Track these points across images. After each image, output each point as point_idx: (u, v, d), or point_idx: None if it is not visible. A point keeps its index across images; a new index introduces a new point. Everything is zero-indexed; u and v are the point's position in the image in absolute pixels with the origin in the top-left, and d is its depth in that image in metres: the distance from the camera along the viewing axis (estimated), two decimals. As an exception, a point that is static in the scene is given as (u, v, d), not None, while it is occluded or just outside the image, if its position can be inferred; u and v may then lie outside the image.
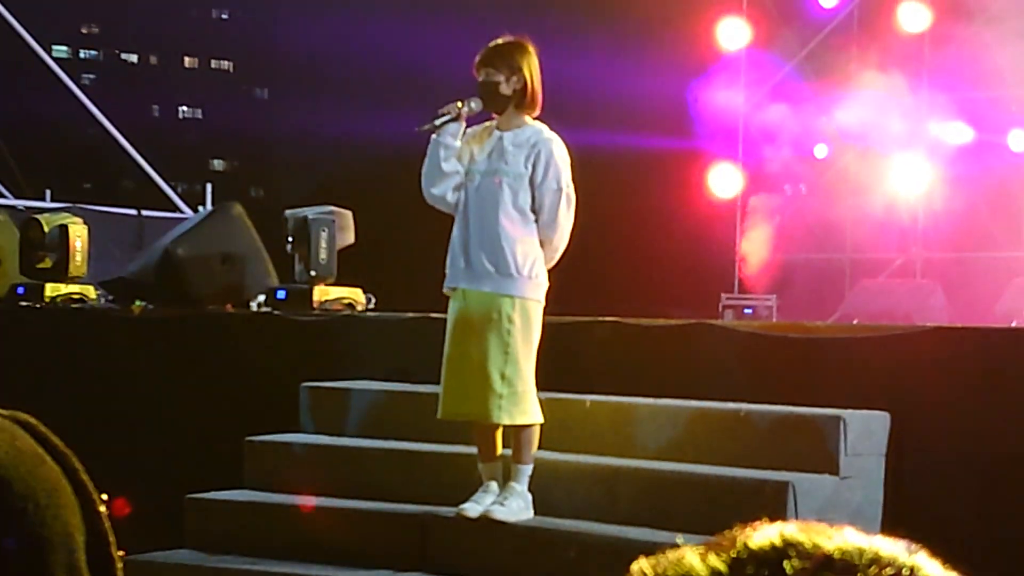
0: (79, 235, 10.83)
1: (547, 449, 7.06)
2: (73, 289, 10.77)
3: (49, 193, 16.39)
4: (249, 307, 10.20)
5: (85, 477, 1.20)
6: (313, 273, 9.66)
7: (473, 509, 6.83)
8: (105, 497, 1.21)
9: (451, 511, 6.92)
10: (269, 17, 56.76)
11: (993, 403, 7.04)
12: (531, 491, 6.88)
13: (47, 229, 10.80)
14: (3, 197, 15.18)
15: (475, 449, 6.97)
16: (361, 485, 7.54)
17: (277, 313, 9.51)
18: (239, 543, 7.42)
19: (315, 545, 7.26)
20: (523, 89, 6.80)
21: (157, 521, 7.92)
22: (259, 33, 58.13)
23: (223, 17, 67.77)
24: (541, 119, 6.90)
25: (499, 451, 6.89)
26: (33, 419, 1.21)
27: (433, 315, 7.92)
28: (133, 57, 67.60)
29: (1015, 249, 13.68)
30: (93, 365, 9.76)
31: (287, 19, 53.41)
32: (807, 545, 0.89)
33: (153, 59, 67.71)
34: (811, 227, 15.13)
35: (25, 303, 10.69)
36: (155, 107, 64.82)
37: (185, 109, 68.02)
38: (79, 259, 10.80)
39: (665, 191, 16.38)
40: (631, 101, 17.10)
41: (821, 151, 15.53)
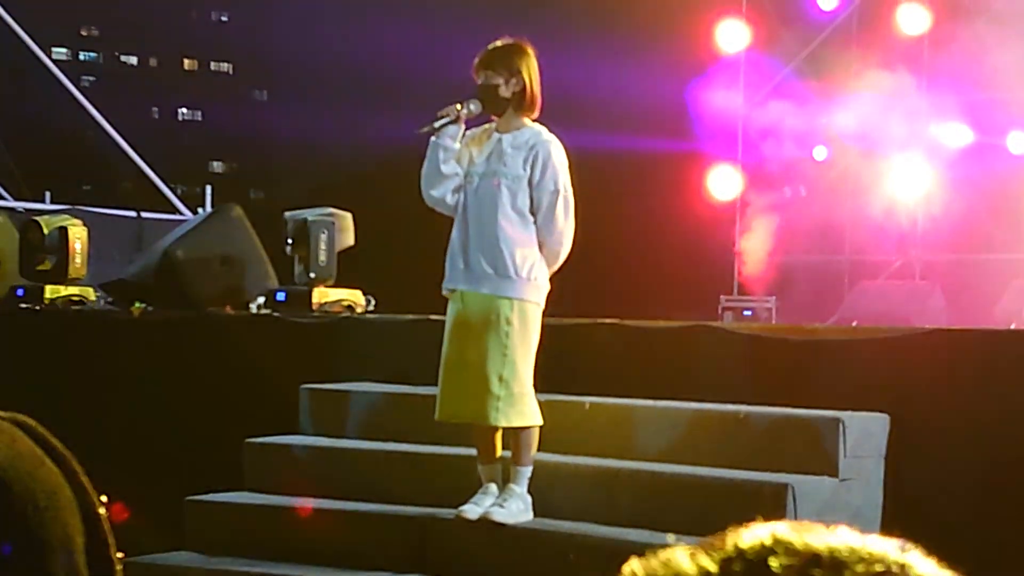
0: (79, 237, 10.83)
1: (547, 451, 7.06)
2: (73, 291, 10.77)
3: (49, 195, 16.39)
4: (249, 309, 10.19)
5: (84, 479, 1.20)
6: (313, 275, 9.66)
7: (472, 511, 6.83)
8: (104, 499, 1.21)
9: (451, 513, 6.92)
10: (269, 19, 56.71)
11: (992, 405, 7.03)
12: (531, 493, 6.88)
13: (47, 231, 10.80)
14: (2, 199, 15.17)
15: (475, 451, 6.97)
16: (361, 487, 7.54)
17: (277, 315, 9.51)
18: (239, 545, 7.41)
19: (315, 547, 7.26)
20: (522, 91, 6.80)
21: (157, 523, 7.92)
22: (259, 35, 58.10)
23: (222, 19, 67.73)
24: (541, 121, 6.90)
25: (498, 453, 6.89)
26: (32, 421, 1.22)
27: (433, 317, 7.91)
28: (133, 59, 67.56)
29: (1014, 251, 13.66)
30: (92, 367, 9.76)
31: (287, 21, 53.39)
32: (796, 544, 0.89)
33: (153, 61, 67.67)
34: (811, 229, 15.11)
35: (25, 305, 10.69)
36: (154, 109, 64.78)
37: (184, 111, 67.99)
38: (79, 261, 10.80)
39: (664, 193, 16.36)
40: (630, 103, 17.08)
41: (821, 153, 15.51)
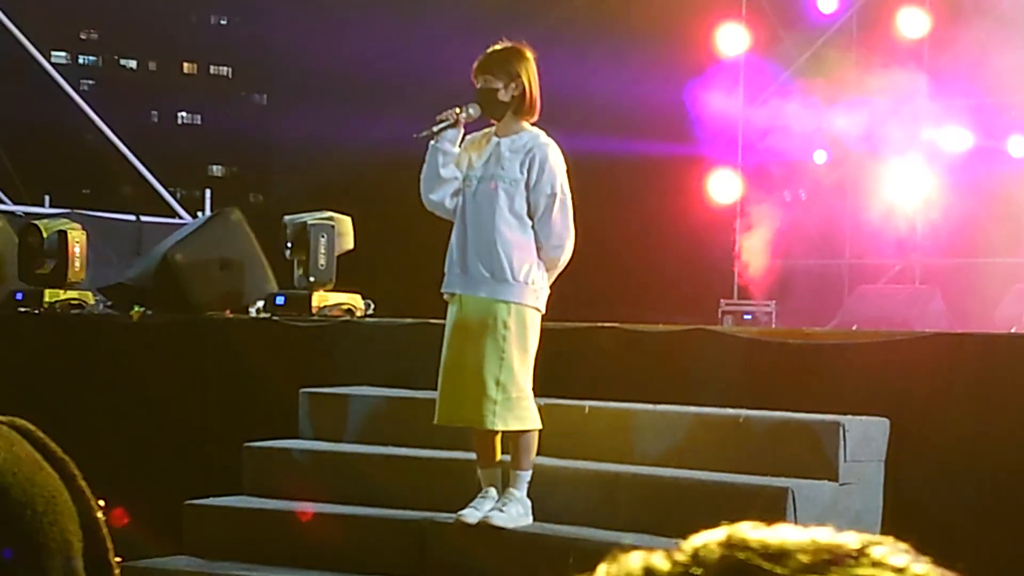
0: (78, 241, 10.83)
1: (546, 455, 7.06)
2: (72, 295, 10.77)
3: (48, 199, 16.39)
4: (248, 313, 10.19)
5: (83, 483, 1.19)
6: (312, 279, 9.66)
7: (472, 515, 6.82)
8: (103, 503, 1.20)
9: (450, 517, 6.92)
10: (268, 23, 56.76)
11: (992, 409, 7.03)
12: (530, 497, 6.88)
13: (46, 235, 10.80)
14: (2, 203, 15.17)
15: (474, 455, 6.96)
16: (360, 491, 7.53)
17: (276, 319, 9.50)
18: (238, 549, 7.41)
19: (314, 551, 7.25)
20: (521, 96, 6.79)
21: (155, 527, 7.91)
22: (258, 39, 58.14)
23: (222, 23, 67.79)
24: (540, 125, 6.89)
25: (498, 457, 6.88)
26: (31, 425, 1.21)
27: (432, 321, 7.91)
28: (132, 63, 67.60)
29: (1014, 255, 13.66)
30: (92, 371, 9.76)
31: (286, 25, 53.41)
32: (750, 540, 0.87)
33: (152, 65, 67.71)
34: (810, 233, 15.12)
35: (24, 309, 10.69)
36: (154, 113, 64.84)
37: (184, 115, 68.03)
38: (78, 265, 10.80)
39: (665, 197, 16.36)
40: (631, 107, 17.08)
41: (820, 157, 15.52)
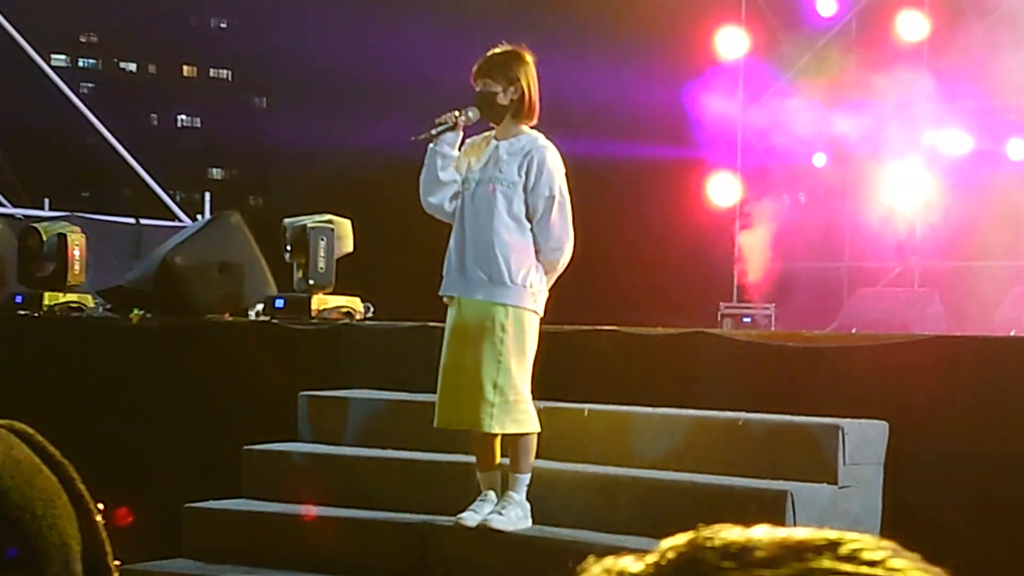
0: (77, 244, 10.84)
1: (545, 458, 7.06)
2: (71, 298, 10.77)
3: (47, 202, 16.39)
4: (247, 316, 10.19)
5: (82, 487, 1.19)
6: (311, 282, 9.66)
7: (471, 518, 6.82)
8: (102, 507, 1.20)
9: (449, 520, 6.91)
10: (268, 26, 56.76)
11: (992, 412, 7.03)
12: (529, 500, 6.87)
13: (45, 238, 10.81)
14: (1, 206, 15.17)
15: (473, 458, 6.96)
16: (360, 494, 7.53)
17: (275, 322, 9.50)
18: (237, 552, 7.40)
19: (313, 554, 7.25)
20: (520, 99, 6.79)
21: (155, 530, 7.91)
22: (258, 42, 58.14)
23: (222, 26, 67.81)
24: (540, 128, 6.89)
25: (497, 460, 6.88)
26: (30, 428, 1.21)
27: (431, 324, 7.91)
28: (132, 66, 67.62)
29: (1014, 258, 13.67)
30: (91, 374, 9.76)
31: (285, 28, 53.43)
32: (714, 540, 0.87)
33: (152, 68, 67.74)
34: (810, 236, 15.12)
35: (23, 312, 10.70)
36: (153, 116, 64.86)
37: (184, 118, 68.05)
38: (77, 268, 10.80)
39: (664, 200, 16.37)
40: (630, 110, 17.09)
41: (820, 160, 15.53)
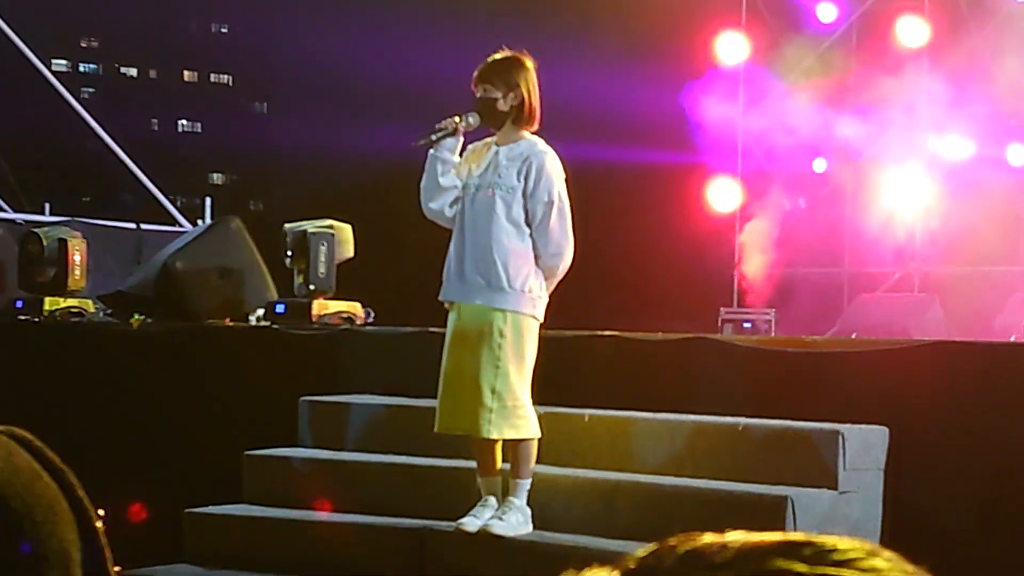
0: (78, 249, 10.83)
1: (546, 463, 7.06)
2: (72, 303, 10.76)
3: (48, 207, 16.37)
4: (248, 321, 10.19)
5: (82, 493, 1.19)
6: (312, 287, 9.66)
7: (472, 523, 6.82)
8: (102, 513, 1.20)
9: (450, 525, 6.91)
10: (268, 31, 56.77)
11: (992, 417, 7.03)
12: (530, 505, 6.87)
13: (46, 243, 10.80)
14: (2, 211, 15.16)
15: (474, 463, 6.96)
16: (360, 499, 7.53)
17: (276, 327, 9.50)
18: (238, 558, 7.40)
19: (314, 559, 7.25)
20: (520, 105, 6.79)
21: (156, 535, 7.91)
22: (258, 47, 58.16)
23: (222, 31, 67.83)
24: (540, 133, 6.89)
25: (498, 465, 6.88)
26: (30, 434, 1.21)
27: (432, 329, 7.91)
28: (132, 71, 67.64)
29: (1014, 263, 13.67)
30: (91, 379, 9.75)
31: (286, 33, 53.44)
32: (678, 546, 0.87)
33: (152, 73, 67.75)
34: (810, 241, 15.13)
35: (24, 317, 10.69)
36: (154, 121, 64.85)
37: (184, 123, 68.06)
38: (78, 273, 10.80)
39: (664, 205, 16.36)
40: (630, 115, 17.08)
41: (820, 165, 15.53)
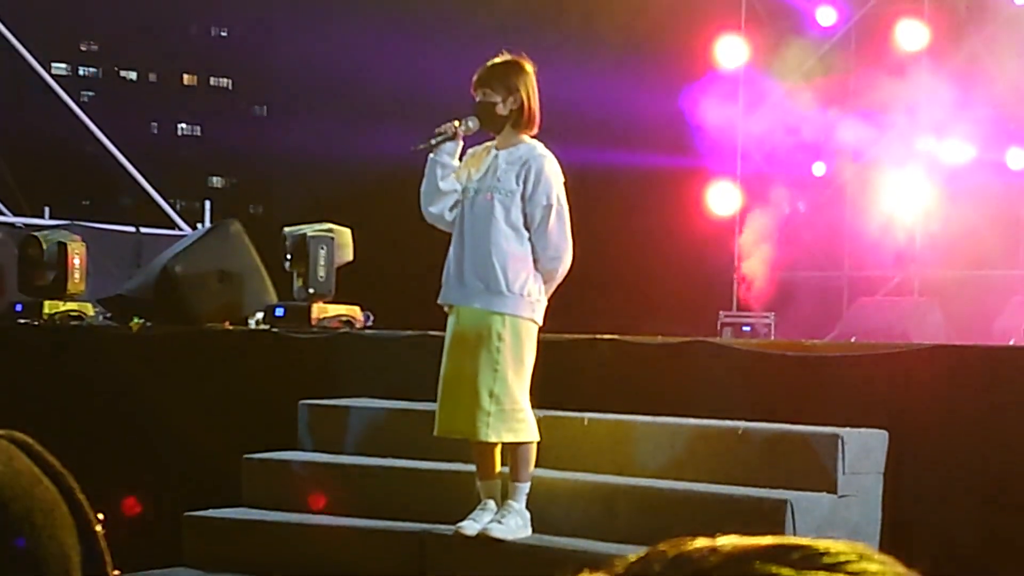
0: (77, 252, 10.83)
1: (545, 467, 7.05)
2: (71, 306, 10.76)
3: (47, 210, 16.37)
4: (247, 324, 10.19)
5: (81, 497, 1.19)
6: (311, 290, 9.66)
7: (471, 527, 6.82)
8: (101, 517, 1.20)
9: (449, 529, 6.91)
10: (268, 35, 56.78)
11: (992, 421, 7.03)
12: (529, 509, 6.87)
13: (45, 246, 10.80)
14: (1, 214, 15.17)
15: (473, 467, 6.96)
16: (359, 503, 7.53)
17: (275, 330, 9.50)
18: (237, 561, 7.40)
19: (314, 563, 7.25)
20: (520, 109, 6.79)
21: (155, 539, 7.91)
22: (258, 51, 58.13)
23: (222, 34, 67.81)
24: (540, 137, 6.89)
25: (498, 469, 6.88)
26: (29, 438, 1.21)
27: (431, 333, 7.91)
28: (132, 74, 67.61)
29: (1013, 267, 13.68)
30: (91, 383, 9.75)
31: (286, 37, 53.44)
32: (668, 551, 0.87)
33: (152, 76, 67.73)
34: (809, 245, 15.14)
35: (23, 320, 10.69)
36: (154, 124, 64.83)
37: (184, 126, 68.03)
38: (77, 276, 10.80)
39: (664, 209, 16.37)
40: (629, 119, 17.10)
41: (819, 169, 15.54)
